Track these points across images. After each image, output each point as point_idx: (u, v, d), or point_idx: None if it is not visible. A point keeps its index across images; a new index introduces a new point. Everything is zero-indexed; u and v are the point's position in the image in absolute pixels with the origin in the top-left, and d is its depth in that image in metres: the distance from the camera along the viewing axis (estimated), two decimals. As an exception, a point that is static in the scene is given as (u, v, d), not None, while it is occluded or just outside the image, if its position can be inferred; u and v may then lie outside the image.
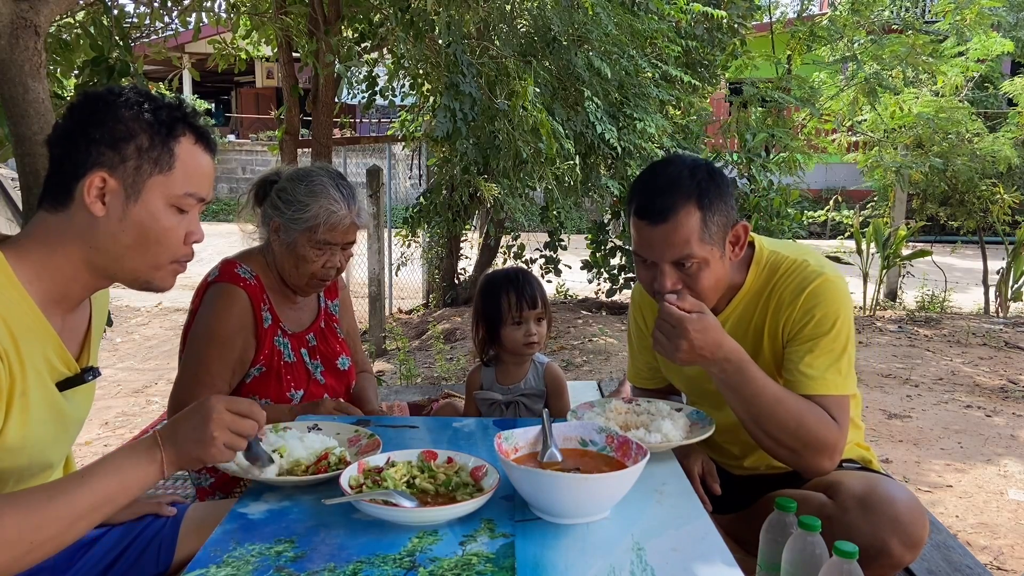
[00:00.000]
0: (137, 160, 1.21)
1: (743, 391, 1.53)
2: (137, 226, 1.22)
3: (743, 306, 1.69)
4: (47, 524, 1.08)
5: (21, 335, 1.17)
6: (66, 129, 1.22)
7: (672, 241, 1.52)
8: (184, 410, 1.23)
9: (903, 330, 6.47)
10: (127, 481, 1.15)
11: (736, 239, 1.61)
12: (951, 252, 9.90)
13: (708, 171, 1.58)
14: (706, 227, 1.53)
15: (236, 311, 1.90)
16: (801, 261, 1.64)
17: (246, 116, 19.30)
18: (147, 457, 1.17)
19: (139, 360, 5.76)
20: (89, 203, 1.19)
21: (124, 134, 1.21)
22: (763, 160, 6.54)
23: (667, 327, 1.49)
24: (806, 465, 1.57)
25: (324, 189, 1.91)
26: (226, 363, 1.89)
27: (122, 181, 1.21)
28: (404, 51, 4.60)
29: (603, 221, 7.04)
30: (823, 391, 1.56)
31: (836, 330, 1.57)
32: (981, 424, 4.21)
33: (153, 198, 1.23)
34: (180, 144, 1.24)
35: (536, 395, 2.05)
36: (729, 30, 6.65)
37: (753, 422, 1.55)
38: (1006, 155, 7.60)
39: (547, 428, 1.43)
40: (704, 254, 1.54)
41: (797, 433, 1.52)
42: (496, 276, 2.07)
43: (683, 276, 1.56)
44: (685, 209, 1.52)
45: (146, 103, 1.23)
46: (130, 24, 3.81)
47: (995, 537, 2.95)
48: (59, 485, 1.12)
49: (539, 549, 1.18)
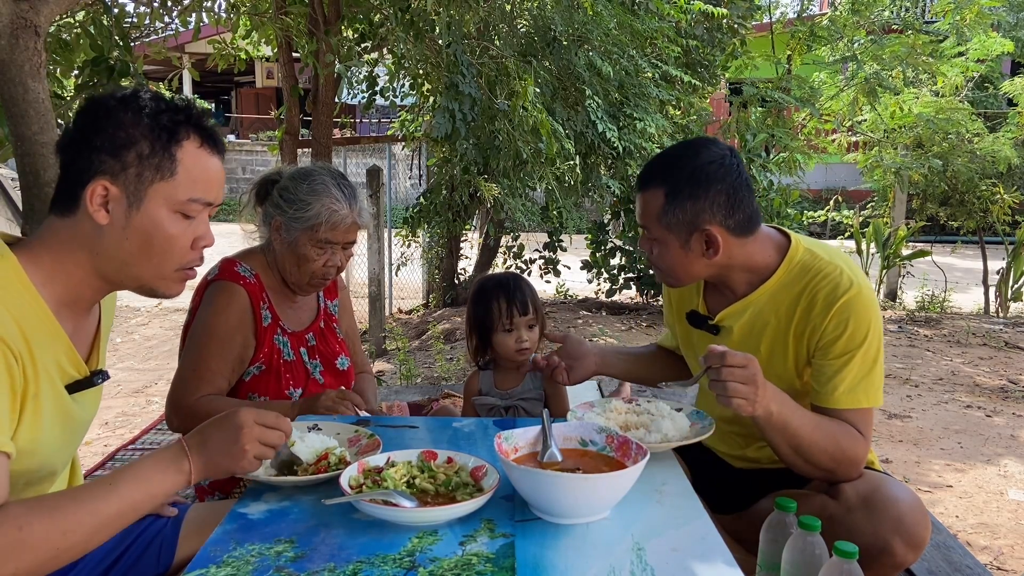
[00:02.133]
0: (138, 167, 1.20)
1: (787, 431, 1.53)
2: (140, 234, 1.22)
3: (769, 296, 1.69)
4: (73, 530, 1.09)
5: (34, 338, 1.17)
6: (71, 136, 1.22)
7: (641, 209, 1.69)
8: (212, 420, 1.24)
9: (903, 330, 6.47)
10: (153, 490, 1.17)
11: (710, 242, 1.63)
12: (951, 252, 9.91)
13: (697, 171, 1.61)
14: (665, 213, 1.63)
15: (235, 309, 1.91)
16: (836, 266, 1.64)
17: (246, 116, 19.30)
18: (174, 467, 1.18)
19: (139, 360, 5.76)
20: (92, 211, 1.19)
21: (124, 141, 1.20)
22: (763, 160, 6.53)
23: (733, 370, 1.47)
24: (839, 479, 1.59)
25: (326, 188, 1.92)
26: (225, 360, 1.89)
27: (124, 189, 1.20)
28: (404, 51, 4.60)
29: (603, 221, 7.04)
30: (854, 405, 1.58)
31: (868, 343, 1.59)
32: (981, 424, 4.21)
33: (155, 205, 1.22)
34: (183, 149, 1.23)
35: (535, 399, 2.04)
36: (729, 30, 6.65)
37: (794, 452, 1.56)
38: (1006, 155, 7.60)
39: (547, 428, 1.43)
40: (660, 234, 1.66)
41: (834, 455, 1.55)
42: (487, 282, 2.06)
43: (652, 244, 1.70)
44: (654, 190, 1.65)
45: (149, 107, 1.22)
46: (130, 24, 3.81)
47: (995, 537, 2.95)
48: (86, 492, 1.13)
49: (539, 549, 1.18)
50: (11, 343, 1.12)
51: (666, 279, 1.73)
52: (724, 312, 1.75)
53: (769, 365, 1.70)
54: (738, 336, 1.73)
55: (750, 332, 1.72)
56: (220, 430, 1.21)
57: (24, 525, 1.06)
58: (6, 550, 1.05)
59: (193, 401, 1.83)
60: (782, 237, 1.73)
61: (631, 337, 5.74)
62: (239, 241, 2.13)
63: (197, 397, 1.84)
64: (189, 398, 1.84)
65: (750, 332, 1.72)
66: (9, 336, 1.12)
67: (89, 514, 1.10)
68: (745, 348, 1.69)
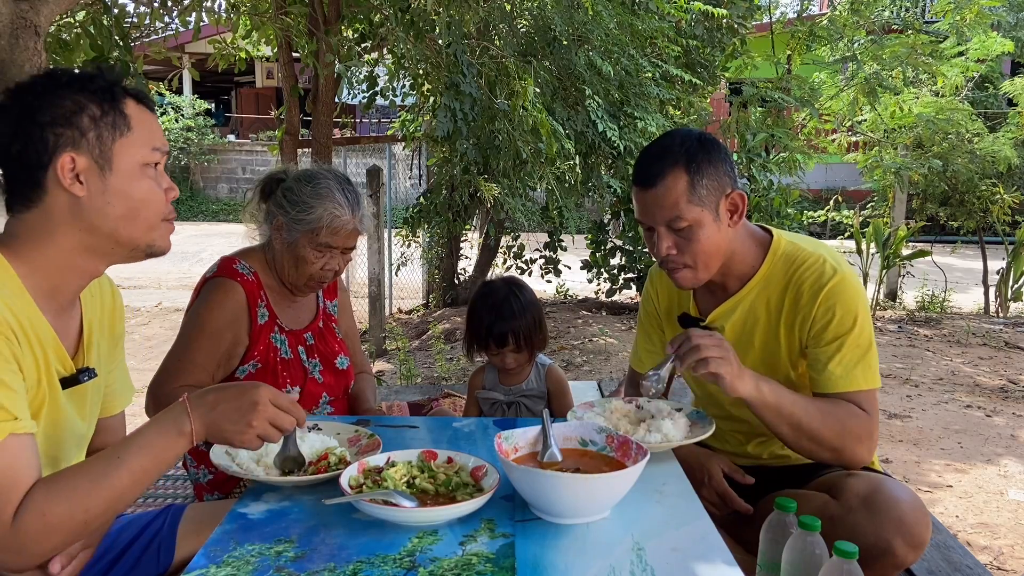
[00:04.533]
0: (96, 130, 1.20)
1: (782, 410, 1.55)
2: (121, 194, 1.22)
3: (757, 290, 1.72)
4: (93, 506, 1.14)
5: (30, 332, 1.18)
6: (12, 126, 1.19)
7: (662, 203, 1.61)
8: (230, 386, 1.26)
9: (903, 330, 6.47)
10: (158, 454, 1.19)
11: (734, 207, 1.65)
12: (951, 252, 9.90)
13: (699, 140, 1.64)
14: (694, 190, 1.60)
15: (229, 306, 1.91)
16: (818, 256, 1.67)
17: (246, 116, 19.28)
18: (175, 429, 1.19)
19: (139, 360, 5.76)
20: (68, 185, 1.19)
21: (73, 108, 1.19)
22: (763, 160, 6.53)
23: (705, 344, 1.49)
24: (847, 460, 1.61)
25: (330, 192, 1.92)
26: (211, 355, 1.88)
27: (90, 155, 1.20)
28: (404, 51, 4.59)
29: (603, 221, 7.04)
30: (854, 387, 1.60)
31: (859, 327, 1.61)
32: (981, 424, 4.21)
33: (125, 162, 1.22)
34: (127, 104, 1.24)
35: (538, 396, 2.08)
36: (729, 30, 6.65)
37: (795, 432, 1.57)
38: (1006, 155, 7.60)
39: (547, 428, 1.43)
40: (694, 215, 1.60)
41: (838, 431, 1.57)
42: (478, 304, 2.07)
43: (679, 240, 1.63)
44: (672, 172, 1.60)
45: (78, 76, 1.23)
46: (130, 24, 3.80)
47: (995, 537, 2.95)
48: (99, 467, 1.16)
49: (539, 549, 1.18)
50: (11, 335, 1.13)
51: (695, 275, 1.67)
52: (715, 312, 1.77)
53: (763, 359, 1.71)
54: (731, 335, 1.74)
55: (742, 329, 1.74)
56: (233, 400, 1.22)
57: (47, 511, 1.11)
58: (35, 537, 1.11)
59: (170, 390, 1.81)
60: (764, 233, 1.77)
61: (631, 337, 5.74)
62: (239, 241, 2.13)
63: (176, 386, 1.82)
64: (169, 386, 1.83)
65: (742, 329, 1.74)
66: (10, 327, 1.13)
67: (106, 489, 1.14)
68: (739, 345, 1.70)
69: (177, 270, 9.50)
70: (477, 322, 2.03)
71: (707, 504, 1.55)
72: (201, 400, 1.21)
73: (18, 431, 1.11)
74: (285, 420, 1.24)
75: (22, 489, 1.10)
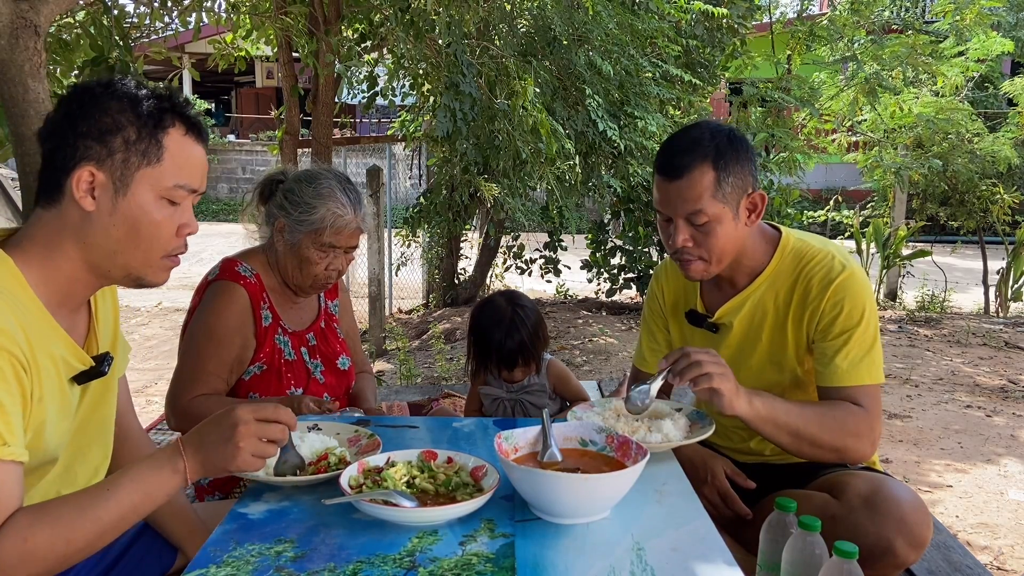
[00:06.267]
0: (124, 153, 1.20)
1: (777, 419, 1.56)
2: (127, 220, 1.21)
3: (766, 286, 1.73)
4: (76, 538, 1.10)
5: (35, 340, 1.16)
6: (55, 123, 1.21)
7: (686, 196, 1.60)
8: (209, 418, 1.21)
9: (903, 330, 6.46)
10: (150, 491, 1.16)
11: (753, 206, 1.66)
12: (951, 252, 9.90)
13: (729, 136, 1.64)
14: (719, 186, 1.60)
15: (235, 309, 1.91)
16: (827, 252, 1.69)
17: (246, 116, 19.29)
18: (169, 467, 1.17)
19: (139, 360, 5.76)
20: (79, 198, 1.18)
21: (111, 127, 1.19)
22: (763, 160, 6.53)
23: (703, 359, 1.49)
24: (850, 458, 1.62)
25: (331, 192, 1.92)
26: (223, 361, 1.89)
27: (110, 174, 1.19)
28: (404, 51, 4.59)
29: (603, 221, 7.04)
30: (858, 381, 1.61)
31: (865, 322, 1.63)
32: (981, 424, 4.21)
33: (142, 191, 1.21)
34: (168, 135, 1.23)
35: (540, 391, 2.10)
36: (729, 30, 6.64)
37: (795, 439, 1.57)
38: (1006, 155, 7.59)
39: (547, 428, 1.43)
40: (716, 211, 1.60)
41: (838, 431, 1.57)
42: (482, 319, 2.07)
43: (696, 233, 1.63)
44: (700, 167, 1.59)
45: (134, 94, 1.22)
46: (130, 24, 3.80)
47: (995, 537, 2.95)
48: (87, 499, 1.13)
49: (539, 549, 1.18)
50: (19, 354, 1.12)
51: (708, 268, 1.67)
52: (723, 308, 1.77)
53: (770, 355, 1.72)
54: (739, 331, 1.74)
55: (750, 325, 1.75)
56: (214, 428, 1.19)
57: (29, 537, 1.07)
58: (14, 561, 1.07)
59: (188, 401, 1.83)
60: (773, 230, 1.77)
61: (631, 337, 5.74)
62: (239, 241, 2.13)
63: (192, 397, 1.84)
64: (184, 398, 1.84)
65: (750, 325, 1.75)
66: (18, 346, 1.12)
67: (90, 521, 1.11)
68: (747, 341, 1.70)
69: (177, 270, 9.45)
70: (484, 352, 2.06)
71: (708, 504, 1.55)
72: (190, 437, 1.20)
73: (4, 457, 1.08)
74: (274, 431, 1.20)
75: (4, 514, 1.07)
